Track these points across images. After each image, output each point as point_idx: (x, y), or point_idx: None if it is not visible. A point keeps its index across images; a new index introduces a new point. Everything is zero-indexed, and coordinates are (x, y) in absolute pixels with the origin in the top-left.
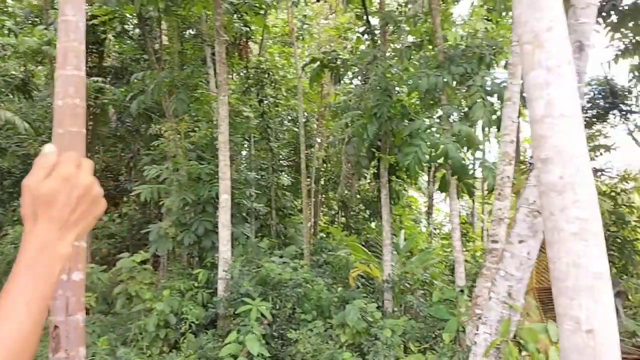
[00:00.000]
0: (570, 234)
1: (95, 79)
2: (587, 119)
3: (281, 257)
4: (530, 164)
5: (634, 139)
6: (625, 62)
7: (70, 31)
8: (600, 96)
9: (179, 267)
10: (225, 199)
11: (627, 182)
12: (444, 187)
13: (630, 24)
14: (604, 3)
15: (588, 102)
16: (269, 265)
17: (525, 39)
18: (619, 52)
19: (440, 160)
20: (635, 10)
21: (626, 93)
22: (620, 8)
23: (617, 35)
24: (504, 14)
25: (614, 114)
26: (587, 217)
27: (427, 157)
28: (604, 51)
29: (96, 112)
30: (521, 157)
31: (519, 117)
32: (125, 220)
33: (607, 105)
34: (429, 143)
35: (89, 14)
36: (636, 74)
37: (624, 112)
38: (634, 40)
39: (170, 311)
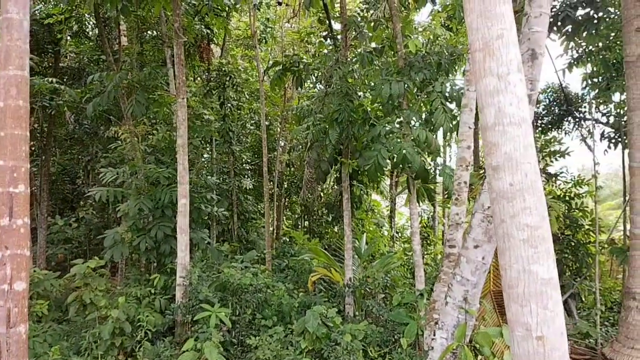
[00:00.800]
0: (520, 240)
1: (50, 79)
2: (542, 125)
3: (242, 262)
4: (483, 168)
5: (586, 145)
6: (579, 71)
7: (14, 30)
8: (555, 103)
9: (137, 273)
10: (183, 203)
11: (580, 187)
12: (408, 190)
13: (584, 34)
14: (559, 13)
15: (543, 109)
16: (228, 270)
17: (476, 47)
18: (573, 61)
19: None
20: (588, 20)
21: (580, 100)
22: (575, 18)
23: (572, 44)
24: (463, 21)
25: (568, 121)
26: (536, 223)
27: (388, 161)
28: (559, 59)
29: (52, 113)
30: (480, 163)
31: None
32: (82, 225)
33: (561, 113)
34: (389, 148)
35: (44, 13)
36: (589, 82)
37: (578, 119)
38: (587, 50)
39: (126, 318)
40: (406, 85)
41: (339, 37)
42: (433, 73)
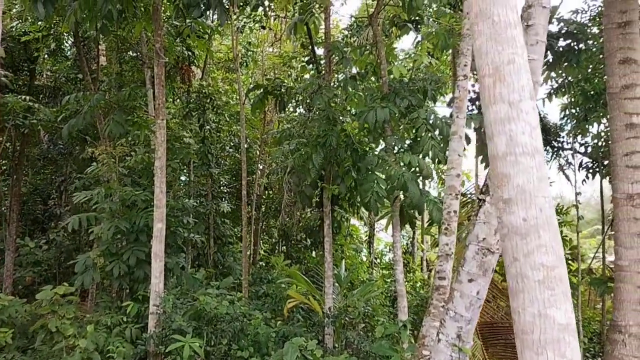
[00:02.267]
0: (535, 281)
1: (25, 97)
2: None
3: (218, 288)
4: (480, 199)
5: (564, 174)
6: (558, 101)
7: None
8: None
9: (108, 300)
10: (159, 228)
11: (559, 216)
12: (403, 220)
13: (564, 65)
14: None
15: None
16: (204, 298)
17: (485, 72)
18: (553, 91)
19: (396, 192)
20: (569, 51)
21: (558, 130)
22: (556, 49)
23: (552, 74)
24: (444, 51)
25: (547, 150)
26: (552, 263)
27: (385, 191)
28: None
29: (25, 132)
30: (462, 190)
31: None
32: (53, 247)
33: None
34: (386, 175)
35: (22, 30)
36: (567, 112)
37: (556, 149)
38: (566, 80)
39: (95, 348)
40: (391, 112)
41: (321, 61)
42: (419, 100)
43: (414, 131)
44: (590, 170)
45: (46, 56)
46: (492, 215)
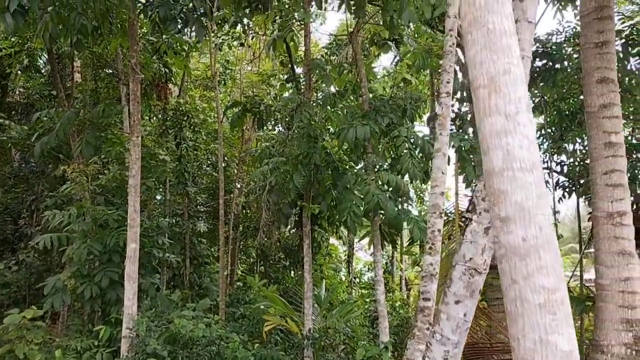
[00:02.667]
0: (536, 305)
1: None
2: None
3: (194, 310)
4: (467, 218)
5: None
6: (534, 120)
7: None
8: None
9: (79, 323)
10: (133, 248)
11: None
12: (379, 239)
13: (541, 85)
14: None
15: None
16: (179, 320)
17: (480, 82)
18: None
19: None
20: (545, 71)
21: None
22: (533, 69)
23: (528, 94)
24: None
25: None
26: (553, 285)
27: (362, 209)
28: None
29: None
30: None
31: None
32: (23, 268)
33: None
34: (361, 194)
35: None
36: (543, 131)
37: None
38: (542, 100)
39: None
40: (372, 129)
41: (301, 80)
42: (399, 118)
43: (394, 149)
44: (567, 189)
45: (19, 72)
46: (479, 235)
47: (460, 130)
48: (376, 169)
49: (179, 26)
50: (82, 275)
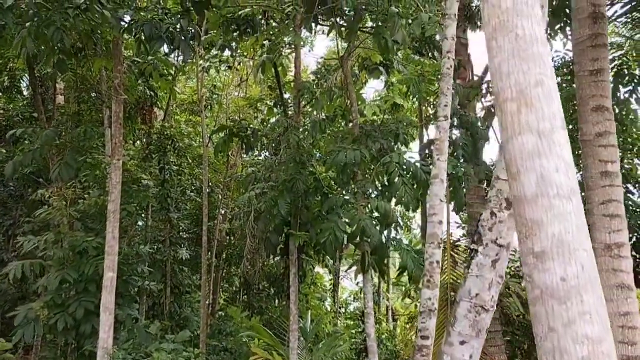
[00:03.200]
0: (579, 359)
1: None
2: None
3: (173, 342)
4: (472, 250)
5: None
6: None
7: None
8: None
9: (52, 356)
10: (109, 277)
11: None
12: (363, 267)
13: None
14: None
15: None
16: (157, 354)
17: (507, 95)
18: None
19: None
20: None
21: None
22: None
23: None
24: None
25: None
26: (598, 335)
27: (345, 235)
28: None
29: None
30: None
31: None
32: None
33: None
34: (347, 219)
35: None
36: None
37: None
38: None
39: None
40: (362, 154)
41: (289, 104)
42: (390, 143)
43: (385, 175)
44: None
45: (0, 93)
46: (486, 268)
47: (455, 155)
48: (366, 195)
49: (165, 47)
50: (55, 304)
